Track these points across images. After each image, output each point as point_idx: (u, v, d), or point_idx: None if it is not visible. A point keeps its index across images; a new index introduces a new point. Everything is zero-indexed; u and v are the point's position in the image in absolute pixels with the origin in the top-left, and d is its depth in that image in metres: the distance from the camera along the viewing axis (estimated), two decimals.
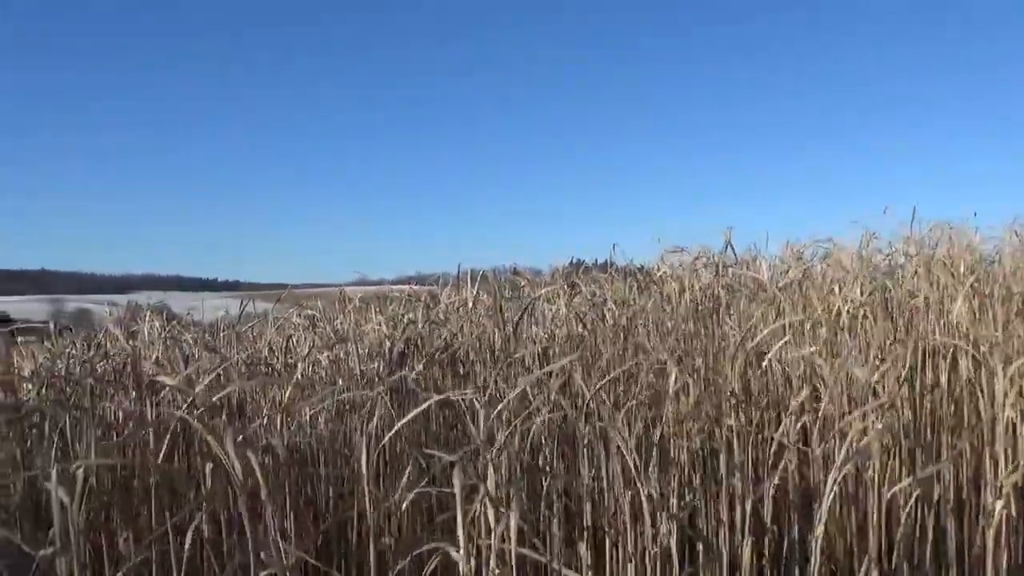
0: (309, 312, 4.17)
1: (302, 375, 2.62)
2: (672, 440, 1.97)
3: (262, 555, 1.36)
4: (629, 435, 1.70)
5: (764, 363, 2.38)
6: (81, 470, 1.52)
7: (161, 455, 1.75)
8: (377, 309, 3.69)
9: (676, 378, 1.97)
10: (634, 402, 1.86)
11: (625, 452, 1.66)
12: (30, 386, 2.76)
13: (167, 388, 1.98)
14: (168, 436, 1.78)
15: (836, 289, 2.94)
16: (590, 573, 1.76)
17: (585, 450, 1.83)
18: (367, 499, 1.52)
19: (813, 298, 2.98)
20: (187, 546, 1.52)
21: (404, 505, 1.64)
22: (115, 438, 2.15)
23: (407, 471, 1.73)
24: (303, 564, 1.76)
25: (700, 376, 2.20)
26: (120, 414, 2.33)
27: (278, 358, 3.30)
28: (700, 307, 3.17)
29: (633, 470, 1.65)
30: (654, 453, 1.81)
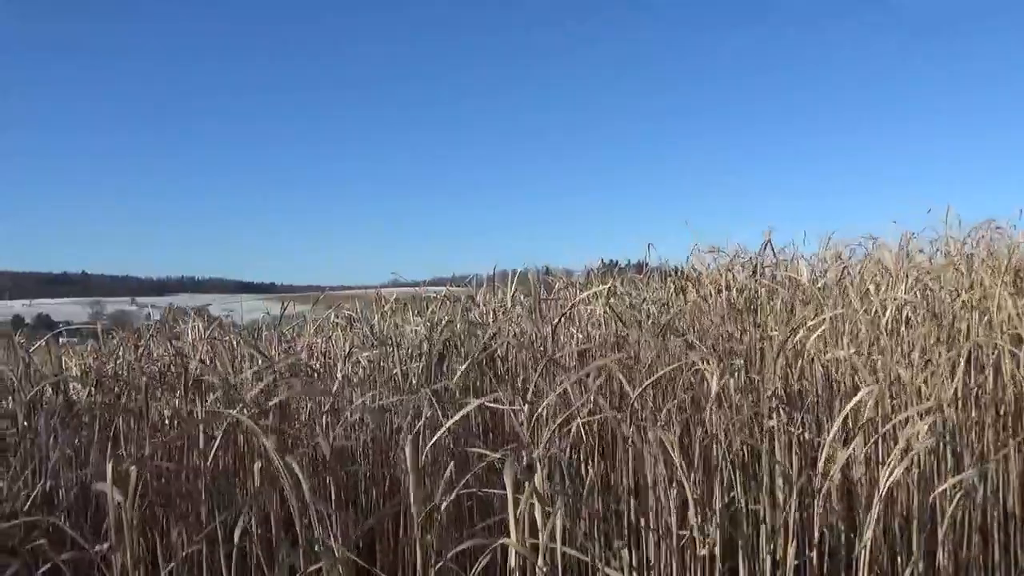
0: (347, 313, 4.21)
1: (342, 376, 2.66)
2: (714, 441, 1.97)
3: (317, 549, 1.38)
4: (672, 435, 1.70)
5: (804, 364, 2.37)
6: (134, 468, 1.56)
7: (212, 454, 1.79)
8: (416, 311, 3.72)
9: (717, 378, 1.98)
10: (675, 402, 1.86)
11: (670, 450, 1.66)
12: (79, 386, 2.83)
13: (216, 388, 2.02)
14: (220, 436, 1.81)
15: (877, 288, 2.91)
16: (635, 574, 1.77)
17: (629, 450, 1.84)
18: (413, 497, 1.54)
19: (853, 298, 2.95)
20: (236, 542, 1.56)
21: (446, 504, 1.66)
22: (164, 437, 2.20)
23: (449, 470, 1.75)
24: (349, 562, 1.79)
25: (740, 377, 2.20)
26: (168, 413, 2.38)
27: (318, 359, 3.35)
28: (738, 307, 3.16)
29: (680, 470, 1.65)
30: (697, 452, 1.81)
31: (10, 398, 2.57)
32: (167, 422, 2.26)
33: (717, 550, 1.73)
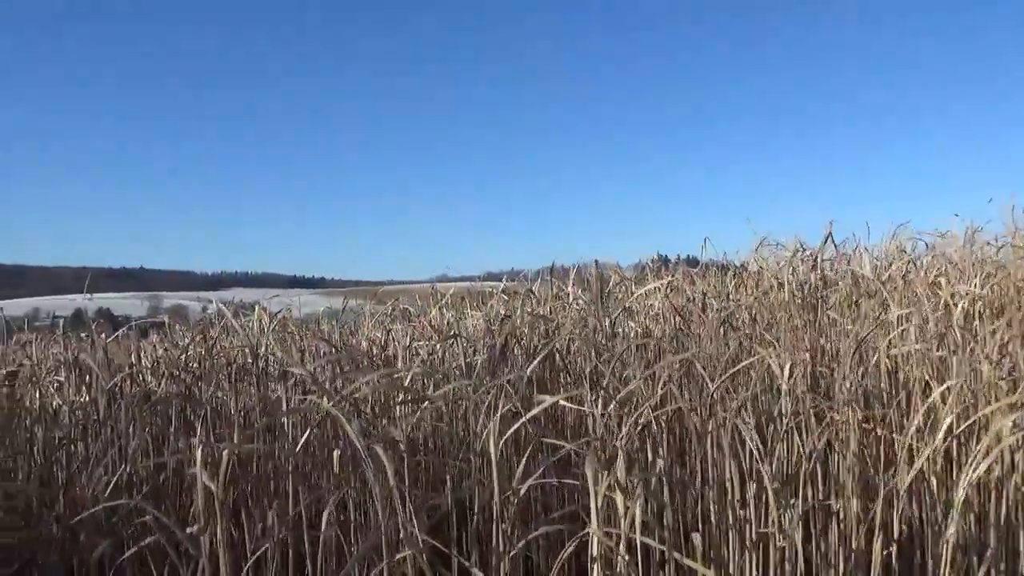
0: (404, 307, 4.26)
1: (406, 369, 2.70)
2: (784, 435, 1.96)
3: (403, 535, 1.42)
4: (749, 427, 1.70)
5: (874, 359, 2.34)
6: (226, 452, 1.61)
7: (300, 443, 1.83)
8: (474, 305, 3.76)
9: (787, 373, 1.97)
10: (748, 394, 1.86)
11: (750, 441, 1.66)
12: (149, 377, 2.92)
13: (292, 378, 2.07)
14: (307, 423, 1.86)
15: (945, 282, 2.86)
16: (711, 567, 1.77)
17: (704, 441, 1.84)
18: (496, 485, 1.57)
19: (919, 292, 2.91)
20: (323, 528, 1.60)
21: (523, 491, 1.68)
22: (236, 426, 2.26)
23: (522, 461, 1.77)
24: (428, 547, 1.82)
25: (806, 371, 2.18)
26: (233, 404, 2.44)
27: (380, 352, 3.40)
28: (800, 302, 3.13)
29: (758, 461, 1.65)
30: (770, 445, 1.81)
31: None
32: (244, 412, 2.31)
33: (797, 542, 1.72)
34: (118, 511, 2.14)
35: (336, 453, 1.81)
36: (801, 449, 1.94)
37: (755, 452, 1.74)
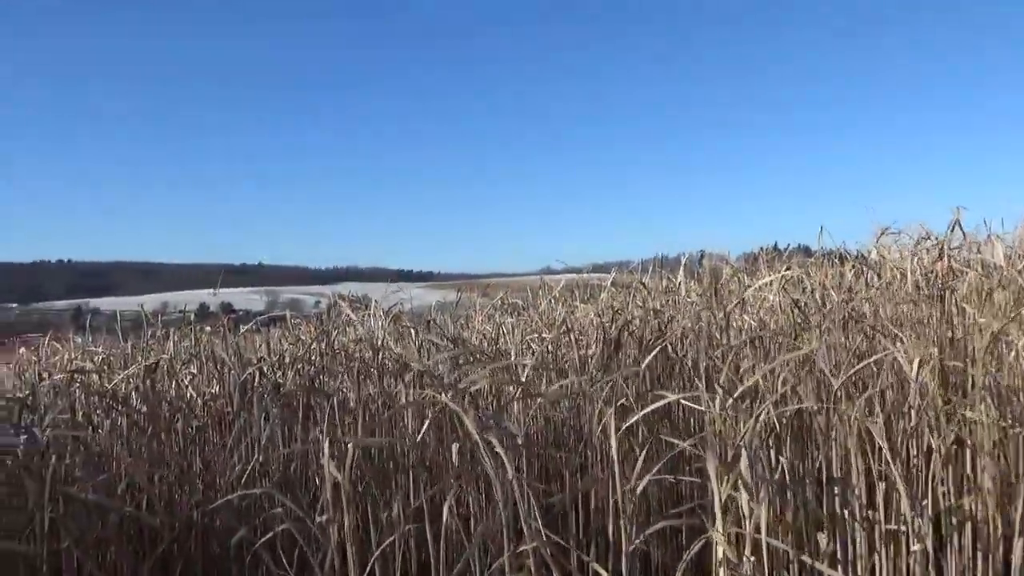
0: (513, 301, 4.30)
1: (519, 363, 2.73)
2: (914, 431, 1.89)
3: (524, 530, 1.44)
4: (877, 424, 1.65)
5: (1011, 354, 2.22)
6: (351, 444, 1.67)
7: (420, 434, 1.88)
8: (584, 298, 3.76)
9: (915, 368, 1.89)
10: (876, 390, 1.80)
11: (878, 439, 1.61)
12: (276, 370, 3.04)
13: (411, 372, 2.13)
14: (428, 418, 1.90)
15: None
16: (839, 567, 1.73)
17: (829, 438, 1.79)
18: (617, 479, 1.57)
19: None
20: (444, 519, 1.64)
21: (641, 488, 1.68)
22: (357, 419, 2.34)
23: (640, 456, 1.76)
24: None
25: (934, 367, 2.09)
26: (353, 397, 2.52)
27: (491, 345, 3.45)
28: (926, 293, 2.99)
29: (887, 461, 1.60)
30: (899, 443, 1.74)
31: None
32: (365, 404, 2.39)
33: (928, 545, 1.66)
34: (251, 498, 2.25)
35: (455, 446, 1.86)
36: (932, 447, 1.86)
37: (883, 450, 1.68)
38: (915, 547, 1.64)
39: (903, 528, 1.68)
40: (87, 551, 2.12)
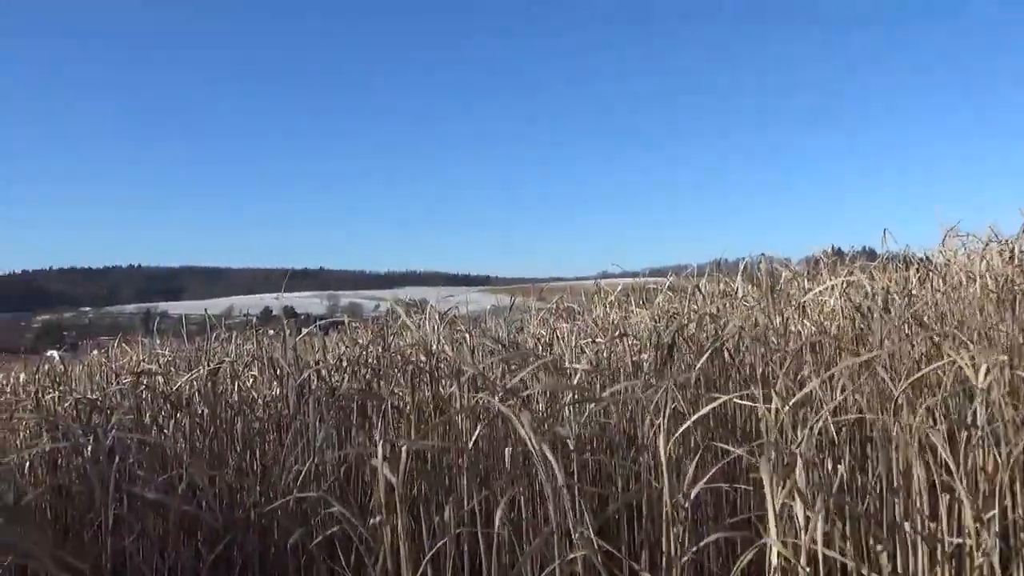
0: (568, 304, 4.29)
1: (573, 368, 2.72)
2: (979, 443, 1.82)
3: (575, 537, 1.43)
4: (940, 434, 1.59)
5: None
6: (405, 448, 1.69)
7: (473, 439, 1.89)
8: (639, 301, 3.73)
9: (982, 375, 1.82)
10: (939, 399, 1.74)
11: (941, 449, 1.56)
12: (333, 373, 3.09)
13: (464, 375, 2.14)
14: (481, 422, 1.91)
15: None
16: None
17: (891, 448, 1.74)
18: (666, 487, 1.55)
19: None
20: (496, 524, 1.65)
21: (694, 495, 1.66)
22: (411, 422, 2.36)
23: (693, 462, 1.74)
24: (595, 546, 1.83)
25: (1003, 375, 2.01)
26: (408, 400, 2.55)
27: (544, 349, 3.44)
28: (995, 298, 2.89)
29: (951, 473, 1.55)
30: (962, 454, 1.68)
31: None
32: (419, 408, 2.41)
33: (994, 561, 1.60)
34: (307, 500, 2.28)
35: (508, 451, 1.86)
36: (998, 459, 1.79)
37: (946, 461, 1.63)
38: (979, 561, 1.58)
39: (968, 542, 1.62)
40: (149, 548, 2.18)
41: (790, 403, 1.82)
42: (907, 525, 1.68)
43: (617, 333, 2.88)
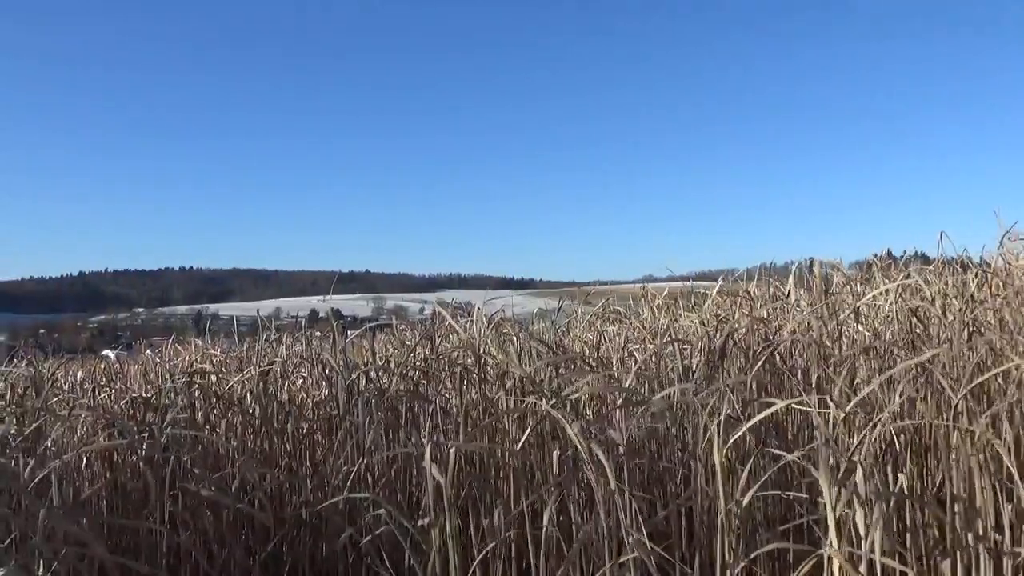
0: (615, 308, 4.26)
1: (623, 372, 2.70)
2: None
3: (628, 541, 1.42)
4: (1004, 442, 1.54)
5: None
6: (453, 449, 1.69)
7: (521, 442, 1.88)
8: (689, 305, 3.69)
9: None
10: (1004, 405, 1.69)
11: (1006, 458, 1.51)
12: (381, 374, 3.11)
13: (511, 378, 2.13)
14: (529, 425, 1.90)
15: None
16: None
17: (952, 455, 1.69)
18: (721, 493, 1.52)
19: None
20: (545, 527, 1.63)
21: (747, 501, 1.63)
22: (459, 424, 2.36)
23: (747, 467, 1.71)
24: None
25: None
26: (456, 402, 2.55)
27: (591, 353, 3.42)
28: None
29: (1016, 479, 1.50)
30: None
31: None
32: (467, 410, 2.41)
33: None
34: (355, 500, 2.30)
35: (556, 454, 1.85)
36: None
37: (1011, 469, 1.58)
38: None
39: None
40: (203, 544, 2.21)
41: (848, 408, 1.78)
42: (969, 536, 1.63)
43: (667, 337, 2.85)
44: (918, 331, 2.76)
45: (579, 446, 1.56)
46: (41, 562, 1.65)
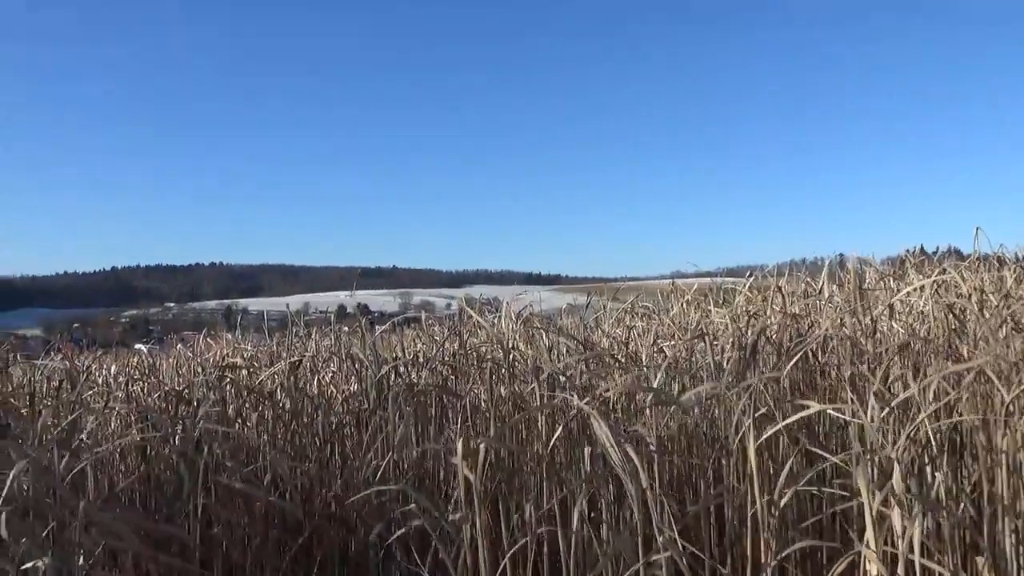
0: (644, 304, 4.24)
1: (653, 368, 2.68)
2: None
3: (658, 539, 1.40)
4: None
5: None
6: (483, 445, 1.68)
7: (552, 440, 1.88)
8: (718, 301, 3.66)
9: None
10: None
11: None
12: (411, 369, 3.11)
13: (541, 374, 2.13)
14: (559, 422, 1.90)
15: None
16: None
17: (992, 456, 1.66)
18: (756, 491, 1.51)
19: None
20: (575, 524, 1.63)
21: (784, 500, 1.61)
22: (489, 419, 2.36)
23: (787, 466, 1.69)
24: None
25: None
26: (490, 396, 2.55)
27: (620, 349, 3.40)
28: None
29: None
30: None
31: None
32: (496, 405, 2.40)
33: None
34: (386, 494, 2.30)
35: (587, 450, 1.84)
36: None
37: None
38: None
39: None
40: (235, 536, 2.23)
41: (890, 406, 1.75)
42: (1011, 538, 1.60)
43: (698, 333, 2.83)
44: (954, 327, 2.71)
45: (609, 444, 1.55)
46: (80, 553, 1.68)
